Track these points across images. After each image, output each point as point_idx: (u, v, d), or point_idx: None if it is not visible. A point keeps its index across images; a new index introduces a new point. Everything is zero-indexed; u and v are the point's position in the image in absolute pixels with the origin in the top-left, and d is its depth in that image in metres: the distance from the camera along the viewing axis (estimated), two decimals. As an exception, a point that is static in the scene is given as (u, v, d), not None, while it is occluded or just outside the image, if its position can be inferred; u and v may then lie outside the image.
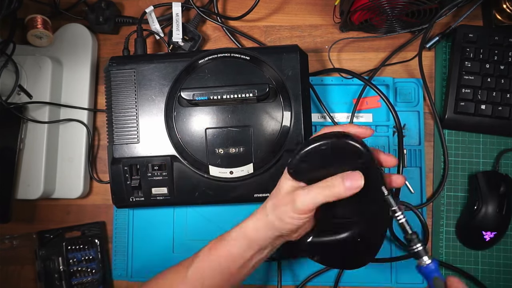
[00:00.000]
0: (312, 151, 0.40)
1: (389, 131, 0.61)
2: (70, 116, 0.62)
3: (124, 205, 0.56)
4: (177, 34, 0.62)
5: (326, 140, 0.39)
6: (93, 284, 0.61)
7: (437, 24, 0.62)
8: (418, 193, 0.60)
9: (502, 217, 0.57)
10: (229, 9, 0.66)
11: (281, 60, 0.54)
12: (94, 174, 0.64)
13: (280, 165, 0.54)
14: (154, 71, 0.55)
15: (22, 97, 0.60)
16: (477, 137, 0.61)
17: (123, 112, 0.55)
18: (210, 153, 0.54)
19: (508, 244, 0.59)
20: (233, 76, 0.54)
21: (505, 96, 0.58)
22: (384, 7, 0.54)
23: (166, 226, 0.61)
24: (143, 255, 0.61)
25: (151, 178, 0.55)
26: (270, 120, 0.54)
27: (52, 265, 0.61)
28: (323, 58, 0.64)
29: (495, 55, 0.58)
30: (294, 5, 0.65)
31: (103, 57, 0.66)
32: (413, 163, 0.60)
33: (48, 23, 0.61)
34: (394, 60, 0.63)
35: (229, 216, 0.61)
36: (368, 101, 0.62)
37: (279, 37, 0.65)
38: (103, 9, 0.63)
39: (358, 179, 0.39)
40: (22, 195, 0.59)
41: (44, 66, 0.60)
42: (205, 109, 0.54)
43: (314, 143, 0.40)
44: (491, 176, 0.58)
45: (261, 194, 0.55)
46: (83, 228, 0.62)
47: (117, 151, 0.55)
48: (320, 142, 0.39)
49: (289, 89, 0.54)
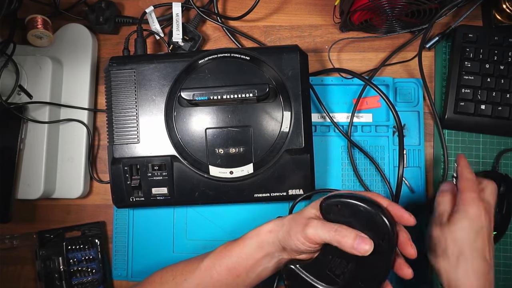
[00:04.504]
0: (349, 204, 0.42)
1: (389, 131, 0.61)
2: (70, 116, 0.62)
3: (124, 205, 0.56)
4: (177, 34, 0.62)
5: (368, 206, 0.41)
6: (93, 284, 0.61)
7: (437, 24, 0.62)
8: (418, 193, 0.60)
9: (502, 217, 0.57)
10: (229, 9, 0.66)
11: (281, 60, 0.54)
12: (94, 174, 0.64)
13: (280, 165, 0.54)
14: (154, 71, 0.55)
15: (22, 97, 0.60)
16: (477, 137, 0.61)
17: (123, 112, 0.55)
18: (210, 153, 0.54)
19: (508, 244, 0.59)
20: (233, 76, 0.54)
21: (505, 96, 0.58)
22: (384, 7, 0.54)
23: (166, 226, 0.61)
24: (143, 255, 0.61)
25: (151, 178, 0.55)
26: (270, 120, 0.54)
27: (52, 265, 0.61)
28: (323, 58, 0.64)
29: (495, 55, 0.58)
30: (294, 5, 0.65)
31: (103, 57, 0.66)
32: (413, 163, 0.60)
33: (48, 23, 0.61)
34: (394, 60, 0.63)
35: (229, 216, 0.61)
36: (368, 101, 0.62)
37: (279, 37, 0.65)
38: (103, 9, 0.63)
39: (367, 249, 0.39)
40: (22, 195, 0.59)
41: (44, 66, 0.60)
42: (205, 109, 0.54)
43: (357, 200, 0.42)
44: (491, 176, 0.58)
45: (261, 194, 0.55)
46: (83, 228, 0.62)
47: (117, 151, 0.55)
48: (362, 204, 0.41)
49: (289, 89, 0.54)
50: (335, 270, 0.43)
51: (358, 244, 0.39)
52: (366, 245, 0.39)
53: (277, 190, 0.55)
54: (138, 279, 0.61)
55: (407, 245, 0.42)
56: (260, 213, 0.60)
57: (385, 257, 0.41)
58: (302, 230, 0.42)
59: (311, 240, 0.42)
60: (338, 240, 0.40)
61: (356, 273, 0.42)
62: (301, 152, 0.54)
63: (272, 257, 0.46)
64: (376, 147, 0.61)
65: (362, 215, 0.41)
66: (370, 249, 0.39)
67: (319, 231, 0.41)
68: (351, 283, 0.42)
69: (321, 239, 0.41)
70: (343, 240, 0.40)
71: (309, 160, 0.54)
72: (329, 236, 0.40)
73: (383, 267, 0.41)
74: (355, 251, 0.40)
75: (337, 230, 0.40)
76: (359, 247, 0.39)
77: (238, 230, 0.61)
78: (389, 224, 0.40)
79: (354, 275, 0.42)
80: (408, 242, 0.43)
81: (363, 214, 0.41)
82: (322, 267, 0.44)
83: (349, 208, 0.42)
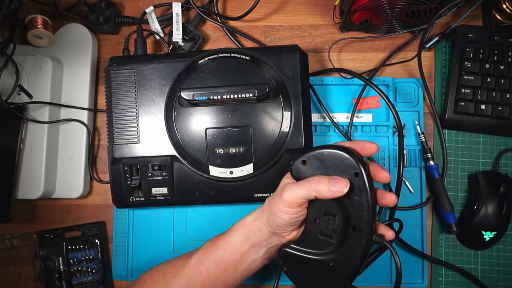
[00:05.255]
0: (313, 155, 0.42)
1: (389, 131, 0.61)
2: (70, 116, 0.62)
3: (124, 205, 0.56)
4: (177, 34, 0.62)
5: (330, 149, 0.42)
6: (93, 284, 0.61)
7: (437, 24, 0.62)
8: (418, 193, 0.60)
9: (502, 217, 0.57)
10: (229, 9, 0.66)
11: (281, 60, 0.54)
12: (94, 174, 0.64)
13: (280, 165, 0.54)
14: (154, 71, 0.55)
15: (22, 97, 0.60)
16: (477, 137, 0.61)
17: (123, 112, 0.55)
18: (210, 153, 0.54)
19: (508, 244, 0.59)
20: (233, 76, 0.54)
21: (505, 96, 0.58)
22: (384, 7, 0.54)
23: (166, 226, 0.61)
24: (143, 255, 0.61)
25: (151, 178, 0.55)
26: (270, 120, 0.54)
27: (52, 265, 0.61)
28: (323, 58, 0.64)
29: (495, 55, 0.58)
30: (294, 5, 0.65)
31: (103, 57, 0.66)
32: (413, 163, 0.60)
33: (48, 23, 0.61)
34: (394, 60, 0.63)
35: (229, 216, 0.61)
36: (368, 101, 0.62)
37: (279, 37, 0.65)
38: (103, 9, 0.63)
39: (344, 186, 0.40)
40: (22, 195, 0.59)
41: (44, 66, 0.60)
42: (205, 109, 0.54)
43: (319, 149, 0.42)
44: (491, 176, 0.58)
45: (261, 194, 0.55)
46: (83, 228, 0.62)
47: (117, 151, 0.55)
48: (324, 150, 0.42)
49: (289, 89, 0.54)
50: (326, 231, 0.43)
51: (334, 185, 0.40)
52: (341, 184, 0.40)
53: (277, 190, 0.55)
54: (138, 279, 0.61)
55: (378, 171, 0.42)
56: (260, 213, 0.60)
57: (364, 192, 0.41)
58: (280, 199, 0.42)
59: (291, 204, 0.41)
60: (314, 189, 0.40)
61: (346, 222, 0.42)
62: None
63: (260, 247, 0.46)
64: (376, 147, 0.61)
65: (328, 161, 0.41)
66: (347, 186, 0.40)
67: (295, 191, 0.41)
68: (345, 235, 0.42)
69: (300, 198, 0.41)
70: (319, 188, 0.40)
71: (309, 160, 0.54)
72: (305, 189, 0.41)
73: (366, 203, 0.41)
74: (333, 193, 0.40)
75: (310, 181, 0.41)
76: (336, 188, 0.39)
77: (238, 230, 0.61)
78: (355, 158, 0.41)
79: (345, 226, 0.42)
80: (379, 167, 0.42)
81: (328, 159, 0.41)
82: (313, 235, 0.44)
83: (314, 160, 0.42)
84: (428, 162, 0.59)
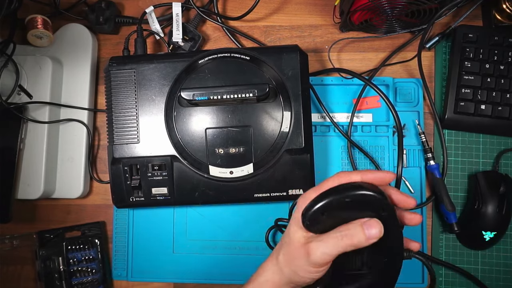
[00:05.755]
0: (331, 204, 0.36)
1: (389, 131, 0.61)
2: (70, 116, 0.62)
3: (124, 205, 0.56)
4: (177, 34, 0.62)
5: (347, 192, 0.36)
6: (93, 284, 0.61)
7: (437, 24, 0.62)
8: (418, 193, 0.60)
9: (502, 217, 0.57)
10: (229, 9, 0.66)
11: (281, 60, 0.54)
12: (94, 174, 0.64)
13: (280, 165, 0.54)
14: (154, 71, 0.55)
15: (22, 97, 0.60)
16: (477, 137, 0.61)
17: (123, 112, 0.55)
18: (210, 153, 0.54)
19: (508, 244, 0.59)
20: (233, 76, 0.54)
21: (505, 96, 0.58)
22: (384, 7, 0.54)
23: (166, 226, 0.61)
24: (143, 255, 0.61)
25: (151, 178, 0.55)
26: (270, 120, 0.54)
27: (52, 265, 0.61)
28: (323, 58, 0.64)
29: (495, 55, 0.58)
30: (294, 5, 0.65)
31: (103, 57, 0.66)
32: (413, 163, 0.60)
33: (48, 23, 0.61)
34: (394, 60, 0.63)
35: (229, 216, 0.61)
36: (368, 101, 0.62)
37: (279, 37, 0.65)
38: (103, 9, 0.63)
39: (378, 227, 0.36)
40: (22, 195, 0.59)
41: (44, 66, 0.60)
42: (205, 109, 0.54)
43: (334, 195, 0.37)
44: (491, 176, 0.58)
45: (261, 194, 0.55)
46: (83, 228, 0.62)
47: (117, 151, 0.55)
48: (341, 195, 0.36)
49: (289, 89, 0.54)
50: (354, 265, 0.39)
51: (369, 232, 0.36)
52: (376, 228, 0.36)
53: (277, 190, 0.55)
54: (138, 279, 0.61)
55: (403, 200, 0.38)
56: (260, 213, 0.60)
57: (392, 222, 0.37)
58: (308, 262, 0.37)
59: (322, 264, 0.37)
60: (350, 244, 0.36)
61: (376, 253, 0.38)
62: (301, 152, 0.54)
63: None
64: (376, 147, 0.61)
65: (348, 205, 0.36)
66: (381, 228, 0.36)
67: (325, 250, 0.36)
68: (376, 265, 0.39)
69: (333, 256, 0.36)
70: (354, 241, 0.36)
71: (309, 160, 0.54)
72: (339, 246, 0.36)
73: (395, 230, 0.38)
74: (372, 240, 0.36)
75: (342, 235, 0.36)
76: (372, 234, 0.36)
77: (238, 230, 0.61)
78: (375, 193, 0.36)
79: (375, 257, 0.39)
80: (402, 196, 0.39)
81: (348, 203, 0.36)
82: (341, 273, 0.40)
83: (332, 208, 0.36)
84: (429, 162, 0.59)
